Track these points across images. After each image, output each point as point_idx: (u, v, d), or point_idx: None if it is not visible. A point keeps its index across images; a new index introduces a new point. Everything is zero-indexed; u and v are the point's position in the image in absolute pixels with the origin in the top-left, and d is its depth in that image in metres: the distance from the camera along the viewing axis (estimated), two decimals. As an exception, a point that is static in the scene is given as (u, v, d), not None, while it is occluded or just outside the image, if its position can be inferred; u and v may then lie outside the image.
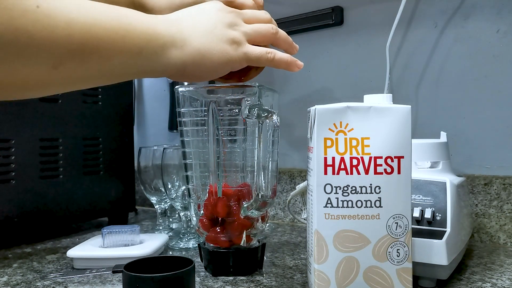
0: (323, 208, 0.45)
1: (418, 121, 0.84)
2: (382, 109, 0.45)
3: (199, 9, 0.51)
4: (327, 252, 0.45)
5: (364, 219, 0.45)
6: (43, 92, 0.40)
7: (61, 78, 0.39)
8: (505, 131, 0.76)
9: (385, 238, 0.45)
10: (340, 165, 0.45)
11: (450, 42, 0.81)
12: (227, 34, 0.50)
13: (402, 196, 0.45)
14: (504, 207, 0.74)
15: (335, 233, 0.45)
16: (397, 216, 0.45)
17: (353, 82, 0.92)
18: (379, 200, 0.45)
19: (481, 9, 0.78)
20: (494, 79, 0.77)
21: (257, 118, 0.55)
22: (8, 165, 0.76)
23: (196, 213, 0.62)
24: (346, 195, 0.45)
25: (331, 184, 0.45)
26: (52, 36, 0.36)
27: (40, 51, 0.35)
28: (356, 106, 0.45)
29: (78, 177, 0.88)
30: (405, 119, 0.45)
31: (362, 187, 0.45)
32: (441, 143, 0.62)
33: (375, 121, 0.45)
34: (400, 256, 0.45)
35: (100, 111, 0.92)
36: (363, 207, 0.45)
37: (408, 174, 0.45)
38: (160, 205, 0.89)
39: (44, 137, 0.82)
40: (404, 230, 0.45)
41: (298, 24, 0.97)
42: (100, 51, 0.39)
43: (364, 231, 0.45)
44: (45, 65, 0.37)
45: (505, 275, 0.58)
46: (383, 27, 0.85)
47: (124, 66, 0.42)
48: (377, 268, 0.45)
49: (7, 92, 0.38)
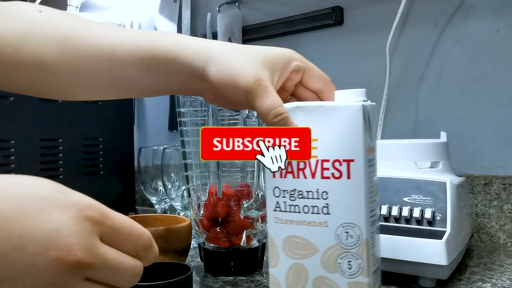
0: (273, 211, 0.43)
1: (418, 121, 0.84)
2: (331, 108, 0.41)
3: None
4: (278, 257, 0.43)
5: (311, 226, 0.42)
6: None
7: None
8: (505, 131, 0.76)
9: (334, 248, 0.41)
10: (287, 168, 0.42)
11: (450, 42, 0.81)
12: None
13: (353, 204, 0.41)
14: (504, 207, 0.74)
15: (284, 238, 0.43)
16: (347, 225, 0.41)
17: (353, 82, 0.92)
18: (327, 206, 0.41)
19: (481, 9, 0.78)
20: (494, 79, 0.77)
21: (257, 118, 0.55)
22: (8, 165, 0.76)
23: (196, 213, 0.62)
24: (293, 200, 0.42)
25: (279, 188, 0.43)
26: None
27: None
28: (305, 105, 0.42)
29: (78, 177, 0.88)
30: (355, 119, 0.41)
31: (308, 191, 0.42)
32: (441, 143, 0.62)
33: (324, 121, 0.41)
34: (352, 269, 0.41)
35: (100, 111, 0.92)
36: (310, 213, 0.42)
37: (360, 179, 0.41)
38: (160, 205, 0.89)
39: (44, 137, 0.82)
40: (357, 241, 0.41)
41: (298, 24, 0.97)
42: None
43: (311, 239, 0.42)
44: None
45: (505, 275, 0.58)
46: (383, 27, 0.85)
47: None
48: (327, 279, 0.42)
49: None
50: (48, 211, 0.28)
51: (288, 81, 0.47)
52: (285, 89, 0.47)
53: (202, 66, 0.43)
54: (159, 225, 0.58)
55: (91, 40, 0.45)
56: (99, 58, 0.45)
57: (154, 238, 0.45)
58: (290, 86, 0.48)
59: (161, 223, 0.61)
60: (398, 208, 0.56)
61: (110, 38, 0.45)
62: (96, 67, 0.45)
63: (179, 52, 0.44)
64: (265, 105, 0.41)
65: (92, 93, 0.50)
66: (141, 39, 0.45)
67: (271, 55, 0.44)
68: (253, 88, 0.41)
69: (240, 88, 0.42)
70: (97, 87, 0.48)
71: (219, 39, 1.07)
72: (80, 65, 0.45)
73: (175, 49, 0.44)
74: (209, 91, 0.45)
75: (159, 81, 0.46)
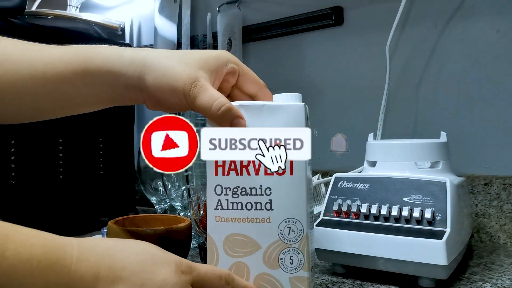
0: (213, 210, 0.43)
1: (418, 121, 0.84)
2: (275, 107, 0.43)
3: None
4: (218, 257, 0.43)
5: (254, 223, 0.42)
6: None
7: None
8: (505, 131, 0.76)
9: (277, 244, 0.42)
10: (231, 165, 0.43)
11: (450, 42, 0.81)
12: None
13: (295, 199, 0.42)
14: (504, 207, 0.74)
15: (225, 237, 0.43)
16: (289, 220, 0.42)
17: (353, 82, 0.92)
18: (270, 202, 0.42)
19: (481, 9, 0.78)
20: (494, 79, 0.77)
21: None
22: (8, 165, 0.76)
23: (196, 213, 0.62)
24: (236, 197, 0.42)
25: (221, 185, 0.43)
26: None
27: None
28: (248, 104, 0.43)
29: (78, 177, 0.88)
30: (298, 117, 0.42)
31: (252, 188, 0.42)
32: (441, 143, 0.62)
33: (268, 120, 0.42)
34: (294, 264, 0.42)
35: (100, 111, 0.92)
36: (253, 209, 0.42)
37: (302, 175, 0.42)
38: (160, 205, 0.89)
39: (44, 137, 0.82)
40: (298, 236, 0.42)
41: (298, 24, 0.97)
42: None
43: (254, 236, 0.42)
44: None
45: (505, 275, 0.58)
46: (383, 27, 0.85)
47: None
48: (268, 275, 0.42)
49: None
50: (157, 266, 0.37)
51: (224, 83, 0.48)
52: (222, 91, 0.48)
53: (137, 75, 0.44)
54: (159, 225, 0.58)
55: (24, 60, 0.46)
56: (34, 78, 0.45)
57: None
58: (226, 88, 0.49)
59: (161, 223, 0.61)
60: (398, 208, 0.56)
61: (43, 57, 0.46)
62: (31, 86, 0.46)
63: (111, 64, 0.45)
64: (204, 101, 0.42)
65: (33, 113, 0.51)
66: (73, 55, 0.46)
67: (206, 57, 0.45)
68: (190, 89, 0.42)
69: (178, 91, 0.43)
70: (37, 107, 0.49)
71: (219, 39, 1.07)
72: (15, 85, 0.45)
73: (107, 61, 0.45)
74: (149, 99, 0.46)
75: (97, 94, 0.47)
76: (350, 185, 0.61)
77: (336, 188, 0.62)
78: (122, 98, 0.48)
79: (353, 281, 0.57)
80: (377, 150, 0.64)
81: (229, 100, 0.43)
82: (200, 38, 1.14)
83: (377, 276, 0.57)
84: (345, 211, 0.59)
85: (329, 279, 0.58)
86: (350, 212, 0.58)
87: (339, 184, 0.62)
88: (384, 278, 0.56)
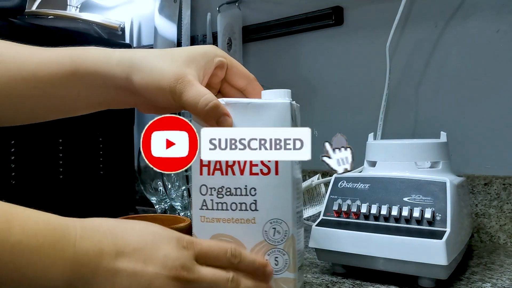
0: (198, 210, 0.43)
1: (418, 121, 0.84)
2: (260, 104, 0.42)
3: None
4: None
5: (239, 223, 0.42)
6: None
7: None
8: (505, 131, 0.76)
9: (262, 245, 0.42)
10: (216, 165, 0.42)
11: (450, 42, 0.81)
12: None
13: (281, 199, 0.41)
14: (504, 207, 0.74)
15: (210, 237, 0.42)
16: (274, 221, 0.41)
17: (353, 82, 0.92)
18: (255, 203, 0.41)
19: (481, 9, 0.78)
20: (494, 79, 0.77)
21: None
22: (8, 165, 0.76)
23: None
24: (221, 197, 0.42)
25: (206, 185, 0.43)
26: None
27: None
28: (234, 101, 0.43)
29: (78, 177, 0.88)
30: (283, 116, 0.41)
31: (237, 188, 0.42)
32: (441, 143, 0.62)
33: (253, 118, 0.42)
34: (279, 265, 0.42)
35: (100, 111, 0.92)
36: (238, 210, 0.42)
37: (288, 175, 0.41)
38: (160, 205, 0.89)
39: (44, 137, 0.82)
40: (283, 237, 0.41)
41: (298, 24, 0.97)
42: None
43: (239, 236, 0.42)
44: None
45: (505, 275, 0.58)
46: (383, 27, 0.85)
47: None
48: None
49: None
50: (159, 242, 0.38)
51: (213, 77, 0.47)
52: (211, 86, 0.47)
53: (125, 76, 0.44)
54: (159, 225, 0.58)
55: (16, 62, 0.46)
56: (25, 79, 0.45)
57: None
58: (216, 83, 0.48)
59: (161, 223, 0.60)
60: (398, 208, 0.56)
61: (34, 59, 0.46)
62: (23, 88, 0.46)
63: (100, 65, 0.45)
64: (190, 96, 0.41)
65: (28, 116, 0.51)
66: (63, 56, 0.46)
67: (193, 53, 0.45)
68: (176, 86, 0.41)
69: (165, 89, 0.42)
70: (30, 109, 0.49)
71: (219, 39, 1.07)
72: (7, 87, 0.45)
73: (96, 63, 0.45)
74: (140, 102, 0.46)
75: (88, 96, 0.47)
76: (350, 185, 0.61)
77: (336, 188, 0.62)
78: (113, 101, 0.48)
79: (353, 281, 0.57)
80: (377, 150, 0.64)
81: (219, 97, 0.43)
82: (200, 38, 1.14)
83: (377, 276, 0.57)
84: (345, 211, 0.59)
85: (329, 279, 0.58)
86: (350, 212, 0.58)
87: (339, 184, 0.62)
88: (384, 278, 0.56)
